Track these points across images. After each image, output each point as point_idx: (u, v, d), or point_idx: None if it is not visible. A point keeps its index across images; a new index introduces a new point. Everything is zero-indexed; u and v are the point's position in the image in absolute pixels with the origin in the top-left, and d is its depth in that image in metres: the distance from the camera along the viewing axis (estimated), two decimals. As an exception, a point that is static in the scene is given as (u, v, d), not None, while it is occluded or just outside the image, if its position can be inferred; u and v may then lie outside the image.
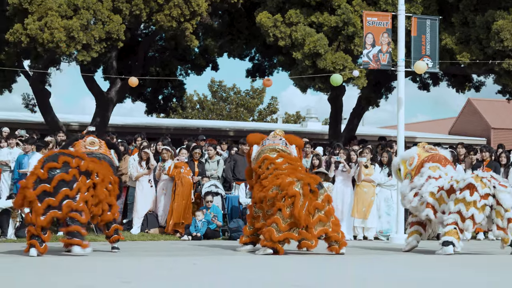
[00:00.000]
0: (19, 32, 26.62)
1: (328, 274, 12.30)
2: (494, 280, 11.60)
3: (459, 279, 11.53)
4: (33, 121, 35.33)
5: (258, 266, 13.27)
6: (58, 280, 10.67)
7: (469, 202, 15.34)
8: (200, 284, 10.46)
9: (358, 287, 10.49)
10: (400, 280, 11.41)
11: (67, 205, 14.14)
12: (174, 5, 27.72)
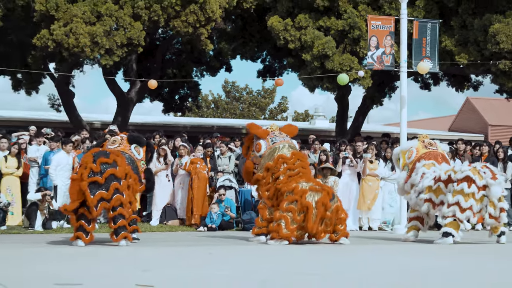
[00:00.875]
0: (45, 37, 26.69)
1: (337, 262, 12.33)
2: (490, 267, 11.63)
3: (458, 268, 11.57)
4: (58, 120, 35.40)
5: (270, 256, 13.31)
6: (83, 268, 10.74)
7: (467, 193, 15.36)
8: (216, 273, 10.50)
9: (364, 274, 10.52)
10: (403, 268, 11.44)
11: (117, 199, 14.32)
12: (190, 12, 27.76)
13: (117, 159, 14.51)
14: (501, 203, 15.55)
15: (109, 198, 14.20)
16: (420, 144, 16.97)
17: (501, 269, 11.62)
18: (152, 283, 8.84)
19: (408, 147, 17.20)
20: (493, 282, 9.82)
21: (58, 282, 8.94)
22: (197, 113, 57.68)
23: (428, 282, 9.51)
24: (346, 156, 20.92)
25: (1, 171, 19.67)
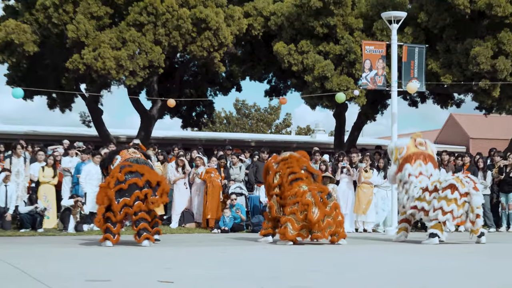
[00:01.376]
0: (77, 61, 26.76)
1: (337, 261, 12.33)
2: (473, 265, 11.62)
3: (445, 265, 11.56)
4: (89, 134, 35.42)
5: (277, 254, 13.32)
6: (111, 265, 10.76)
7: (450, 199, 15.41)
8: (229, 269, 10.50)
9: (362, 271, 10.52)
10: (396, 266, 11.43)
11: (138, 206, 14.38)
12: (205, 38, 27.81)
13: (140, 169, 14.58)
14: (478, 209, 15.65)
15: (131, 204, 14.28)
16: (411, 142, 16.99)
17: (483, 266, 11.62)
18: (173, 280, 8.85)
19: (400, 144, 17.23)
20: (478, 278, 9.81)
21: (88, 279, 8.95)
22: (211, 128, 57.62)
23: (417, 279, 9.51)
24: (344, 166, 20.93)
25: (38, 180, 19.75)
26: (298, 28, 28.65)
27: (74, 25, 26.85)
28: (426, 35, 27.61)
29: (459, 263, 12.08)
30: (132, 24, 27.51)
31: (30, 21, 28.23)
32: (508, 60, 26.14)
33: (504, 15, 25.63)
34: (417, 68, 21.60)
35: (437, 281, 9.26)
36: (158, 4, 27.35)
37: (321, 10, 27.87)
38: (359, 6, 28.95)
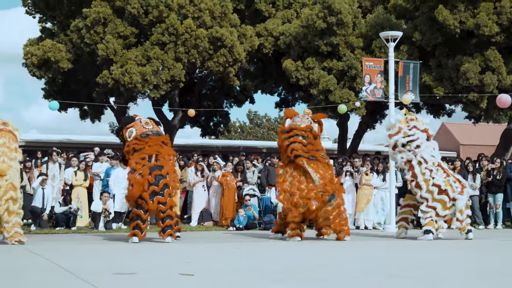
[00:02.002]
0: (106, 76, 26.85)
1: (342, 255, 12.27)
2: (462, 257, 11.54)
3: (439, 258, 11.49)
4: (117, 142, 35.43)
5: (287, 250, 13.26)
6: (137, 260, 10.73)
7: (438, 199, 15.52)
8: (244, 263, 10.46)
9: (365, 264, 10.45)
10: (394, 260, 11.36)
11: (170, 203, 14.52)
12: (221, 55, 27.87)
13: (168, 170, 14.63)
14: (466, 210, 15.65)
15: (164, 202, 14.33)
16: (403, 119, 16.89)
17: (472, 258, 11.55)
18: (193, 273, 8.80)
19: (393, 121, 17.13)
20: (467, 268, 9.74)
21: (116, 272, 8.92)
22: (227, 136, 57.69)
23: (415, 270, 9.45)
24: (348, 170, 20.88)
25: (72, 183, 19.77)
26: (305, 46, 28.66)
27: (104, 44, 26.96)
28: (420, 52, 27.59)
29: (452, 256, 12.02)
30: (155, 43, 27.60)
31: (64, 41, 28.39)
32: (495, 75, 26.14)
33: (491, 34, 25.61)
34: (412, 82, 21.55)
35: (434, 273, 9.19)
36: (178, 25, 27.43)
37: (325, 31, 27.89)
38: (360, 26, 28.94)
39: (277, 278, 8.55)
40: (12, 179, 13.61)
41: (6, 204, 13.45)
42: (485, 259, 11.78)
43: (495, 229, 20.80)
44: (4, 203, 13.43)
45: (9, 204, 13.49)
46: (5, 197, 13.42)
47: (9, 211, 13.52)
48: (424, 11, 27.21)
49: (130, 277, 8.46)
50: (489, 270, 9.93)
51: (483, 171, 21.77)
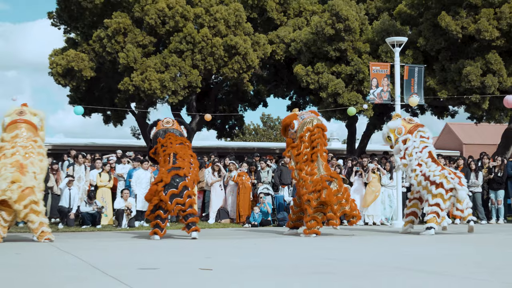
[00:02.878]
0: (127, 83, 26.97)
1: (352, 250, 12.28)
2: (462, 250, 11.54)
3: (442, 251, 11.49)
4: (138, 145, 35.62)
5: (299, 245, 13.29)
6: (159, 256, 10.79)
7: (435, 194, 15.57)
8: (260, 258, 10.49)
9: (374, 258, 10.48)
10: (401, 254, 11.38)
11: (190, 202, 14.70)
12: (235, 61, 27.93)
13: (186, 172, 14.72)
14: (467, 200, 15.77)
15: (183, 203, 14.46)
16: (403, 121, 16.98)
17: (472, 252, 11.54)
18: (211, 267, 8.86)
19: (395, 126, 17.11)
20: (467, 261, 9.75)
21: (140, 267, 8.98)
22: (242, 138, 57.74)
23: (420, 262, 9.46)
24: (358, 170, 20.93)
25: (96, 184, 19.89)
26: (314, 52, 28.69)
27: (124, 53, 27.07)
28: (424, 56, 27.55)
29: (454, 249, 12.01)
30: (173, 51, 27.69)
31: (87, 50, 28.51)
32: (495, 78, 26.05)
33: (491, 38, 25.56)
34: (417, 85, 21.52)
35: (440, 265, 9.21)
36: (195, 34, 27.53)
37: (334, 37, 27.90)
38: (366, 32, 28.93)
39: (291, 272, 8.59)
40: (27, 183, 13.36)
41: (26, 209, 13.30)
42: (490, 252, 11.78)
43: (497, 224, 20.76)
44: (24, 208, 13.27)
45: (31, 207, 13.38)
46: (23, 203, 13.24)
47: (34, 211, 13.47)
48: (428, 18, 27.17)
49: (153, 272, 8.51)
50: (495, 262, 9.94)
51: (484, 169, 21.73)
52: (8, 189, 13.17)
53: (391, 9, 29.90)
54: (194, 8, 28.44)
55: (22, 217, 13.50)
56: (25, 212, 13.36)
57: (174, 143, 15.41)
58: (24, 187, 13.31)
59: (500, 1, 25.89)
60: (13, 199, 13.18)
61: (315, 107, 31.21)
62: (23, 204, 13.28)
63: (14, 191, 13.19)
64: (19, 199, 13.23)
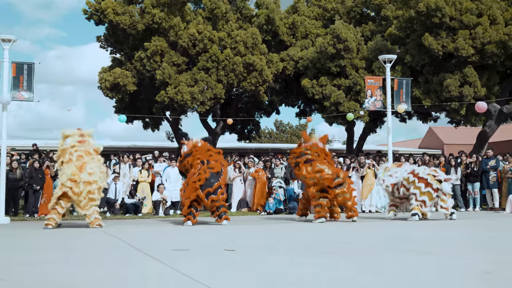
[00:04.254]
0: (163, 95, 27.03)
1: (353, 233, 12.21)
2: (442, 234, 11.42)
3: (427, 233, 11.39)
4: (172, 147, 35.68)
5: (309, 229, 13.22)
6: (189, 238, 10.77)
7: (423, 192, 15.49)
8: (274, 240, 10.45)
9: (370, 239, 10.40)
10: (393, 235, 11.28)
11: (222, 199, 14.72)
12: (253, 77, 27.95)
13: (219, 169, 14.80)
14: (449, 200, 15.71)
15: (217, 199, 14.55)
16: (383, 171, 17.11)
17: (456, 235, 11.43)
18: (234, 248, 8.81)
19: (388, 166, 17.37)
20: (453, 243, 9.65)
21: (174, 248, 8.95)
22: (258, 140, 57.66)
23: (412, 243, 9.38)
24: (355, 166, 20.82)
25: (138, 179, 19.90)
26: (319, 68, 28.61)
27: (161, 70, 27.14)
28: (411, 71, 27.41)
29: (437, 232, 11.89)
30: (201, 68, 27.73)
31: (130, 68, 28.60)
32: (471, 88, 25.91)
33: (467, 55, 25.45)
34: (405, 95, 21.43)
35: (429, 246, 9.12)
36: (219, 54, 27.56)
37: (335, 55, 27.82)
38: (362, 51, 28.81)
39: (302, 252, 8.53)
40: (83, 178, 13.60)
41: (85, 199, 13.57)
42: (473, 235, 11.66)
43: (474, 211, 20.59)
44: (84, 199, 13.56)
45: (89, 196, 13.63)
46: (83, 195, 13.54)
47: (90, 199, 13.68)
48: (413, 38, 27.05)
49: (185, 253, 8.48)
50: (479, 243, 9.84)
51: (462, 165, 21.57)
52: (67, 182, 13.54)
53: (383, 31, 29.77)
54: (218, 33, 28.46)
55: (82, 207, 13.63)
56: (84, 202, 13.59)
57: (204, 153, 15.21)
58: (80, 181, 13.54)
59: (474, 23, 25.75)
60: (72, 190, 13.49)
61: (319, 114, 31.16)
62: (82, 196, 13.53)
63: (72, 184, 13.51)
64: (77, 192, 13.51)
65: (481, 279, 6.09)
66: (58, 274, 6.62)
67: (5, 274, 6.67)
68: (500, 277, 6.22)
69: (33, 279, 6.30)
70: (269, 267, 6.95)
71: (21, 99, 16.97)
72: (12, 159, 18.94)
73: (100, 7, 28.36)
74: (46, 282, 6.14)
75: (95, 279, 6.26)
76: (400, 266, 7.04)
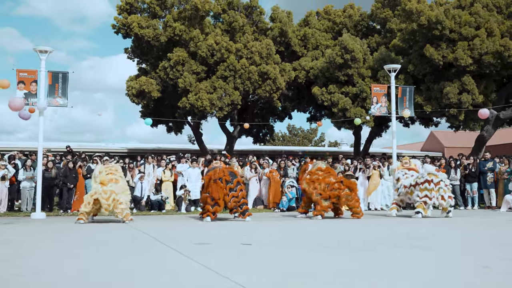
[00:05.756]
0: (185, 101, 27.10)
1: (356, 229, 12.17)
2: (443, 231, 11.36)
3: (428, 230, 11.33)
4: (193, 149, 35.78)
5: (318, 226, 13.21)
6: (209, 232, 10.79)
7: (429, 189, 15.35)
8: (289, 235, 10.45)
9: (371, 234, 10.37)
10: (396, 232, 11.24)
11: (242, 195, 14.75)
12: (267, 84, 27.93)
13: (236, 172, 14.87)
14: (448, 193, 15.61)
15: (237, 196, 14.59)
16: (400, 164, 17.03)
17: (457, 232, 11.36)
18: (251, 242, 8.83)
19: (394, 167, 17.33)
20: (449, 238, 9.60)
21: (195, 242, 8.98)
22: (272, 143, 57.64)
23: (413, 238, 9.34)
24: (361, 168, 20.76)
25: (161, 178, 19.96)
26: (328, 77, 28.56)
27: (183, 78, 27.24)
28: (414, 79, 27.30)
29: (440, 229, 11.82)
30: (219, 77, 27.78)
31: (155, 77, 28.72)
32: (469, 95, 25.76)
33: (466, 65, 25.30)
34: (408, 101, 21.34)
35: (427, 241, 9.08)
36: (236, 63, 27.59)
37: (343, 65, 27.77)
38: (368, 61, 28.72)
39: (314, 247, 8.53)
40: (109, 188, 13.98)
41: (112, 203, 13.89)
42: (466, 230, 11.59)
43: (472, 210, 20.44)
44: (111, 203, 13.88)
45: (114, 203, 13.91)
46: (109, 201, 13.87)
47: (117, 202, 13.93)
48: (416, 49, 26.93)
49: (205, 246, 8.51)
50: (479, 237, 9.78)
51: (461, 166, 21.43)
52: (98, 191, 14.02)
53: (388, 43, 29.66)
54: (235, 44, 28.50)
55: (106, 209, 13.93)
56: (110, 205, 13.88)
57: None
58: (108, 190, 13.92)
59: (472, 35, 25.59)
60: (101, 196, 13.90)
61: (329, 119, 31.09)
62: (107, 202, 13.84)
63: (101, 192, 13.91)
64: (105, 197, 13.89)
65: (480, 273, 6.07)
66: (91, 264, 6.68)
67: (42, 265, 6.75)
68: (497, 271, 6.20)
69: (69, 270, 6.36)
70: (283, 260, 6.97)
71: (56, 105, 17.15)
72: (48, 160, 19.11)
73: (126, 22, 28.57)
74: (81, 272, 6.20)
75: (125, 269, 6.31)
76: (405, 261, 7.02)
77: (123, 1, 29.42)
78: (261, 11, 31.56)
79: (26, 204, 18.49)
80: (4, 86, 15.52)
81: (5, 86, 15.56)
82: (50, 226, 13.25)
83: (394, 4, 30.30)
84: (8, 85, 15.83)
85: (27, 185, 18.47)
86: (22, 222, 14.51)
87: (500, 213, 18.40)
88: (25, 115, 16.40)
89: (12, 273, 6.07)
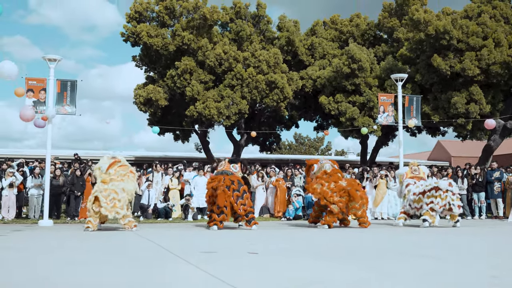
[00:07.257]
0: (192, 110, 27.14)
1: (362, 238, 12.10)
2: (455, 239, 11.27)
3: (435, 238, 11.25)
4: (200, 157, 35.79)
5: (325, 235, 13.15)
6: (216, 242, 10.75)
7: (435, 196, 15.25)
8: (296, 244, 10.39)
9: (379, 244, 10.30)
10: (403, 241, 11.17)
11: (249, 203, 14.66)
12: (274, 93, 27.95)
13: (241, 180, 14.75)
14: (457, 201, 15.45)
15: (245, 203, 14.53)
16: (409, 170, 16.88)
17: (463, 241, 11.27)
18: (257, 251, 8.78)
19: (402, 171, 17.09)
20: (457, 247, 9.52)
21: (201, 250, 8.95)
22: (279, 152, 57.61)
23: (421, 247, 9.27)
24: (368, 177, 20.69)
25: (168, 186, 19.95)
26: (335, 86, 28.56)
27: (190, 87, 27.29)
28: (421, 89, 27.26)
29: (447, 238, 11.74)
30: (227, 85, 27.83)
31: (162, 85, 28.80)
32: (477, 105, 25.72)
33: (473, 75, 25.27)
34: (415, 111, 21.30)
35: (434, 250, 9.01)
36: (243, 72, 27.63)
37: (350, 74, 27.77)
38: (375, 70, 28.71)
39: (321, 256, 8.48)
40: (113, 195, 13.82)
41: (110, 204, 13.67)
42: (472, 240, 11.49)
43: (480, 219, 20.32)
44: (109, 204, 13.67)
45: (114, 202, 13.73)
46: (109, 200, 13.71)
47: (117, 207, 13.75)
48: (423, 59, 26.90)
49: (212, 255, 8.47)
50: (487, 246, 9.69)
51: (469, 176, 21.32)
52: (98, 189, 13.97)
53: (395, 52, 29.67)
54: (243, 53, 28.57)
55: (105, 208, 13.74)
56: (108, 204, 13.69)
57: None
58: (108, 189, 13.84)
59: (480, 46, 25.56)
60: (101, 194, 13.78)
61: (335, 128, 31.06)
62: (106, 201, 13.70)
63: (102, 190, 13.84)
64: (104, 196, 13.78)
65: (489, 283, 6.01)
66: (97, 273, 6.65)
67: (49, 273, 6.72)
68: (506, 281, 6.13)
69: (75, 278, 6.34)
70: (290, 269, 6.92)
71: (65, 113, 17.20)
72: (56, 167, 19.15)
73: (135, 30, 28.68)
74: (87, 281, 6.17)
75: (131, 278, 6.28)
76: (413, 270, 6.96)
77: (132, 9, 29.55)
78: (268, 20, 31.67)
79: (34, 211, 18.53)
80: (19, 95, 15.61)
81: (20, 94, 15.65)
82: (57, 233, 13.24)
83: (401, 14, 30.33)
84: (23, 94, 15.93)
85: (35, 193, 18.51)
86: (29, 229, 14.51)
87: (507, 223, 18.27)
88: (40, 124, 16.47)
89: (19, 281, 6.05)
